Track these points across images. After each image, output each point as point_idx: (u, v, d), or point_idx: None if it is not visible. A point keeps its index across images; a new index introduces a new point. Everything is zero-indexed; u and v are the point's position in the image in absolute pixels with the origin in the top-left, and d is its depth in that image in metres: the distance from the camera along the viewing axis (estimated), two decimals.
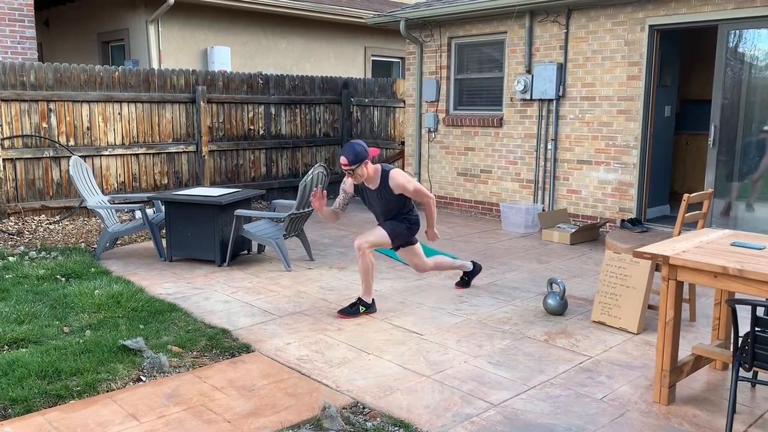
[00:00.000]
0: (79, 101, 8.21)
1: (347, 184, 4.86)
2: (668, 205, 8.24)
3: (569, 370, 3.86)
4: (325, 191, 4.70)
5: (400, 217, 4.87)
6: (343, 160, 4.54)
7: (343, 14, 12.44)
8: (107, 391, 3.52)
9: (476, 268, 5.49)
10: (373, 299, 4.88)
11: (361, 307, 4.81)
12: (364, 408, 3.38)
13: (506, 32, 8.56)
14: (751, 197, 6.73)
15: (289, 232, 6.27)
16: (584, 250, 7.05)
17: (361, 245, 4.71)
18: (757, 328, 2.88)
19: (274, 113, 10.15)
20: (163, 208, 6.53)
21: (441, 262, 5.23)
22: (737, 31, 6.65)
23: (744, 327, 3.72)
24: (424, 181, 9.80)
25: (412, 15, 9.15)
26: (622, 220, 7.16)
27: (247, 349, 4.15)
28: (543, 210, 8.27)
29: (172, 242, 6.31)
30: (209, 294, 5.32)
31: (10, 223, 7.64)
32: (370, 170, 4.68)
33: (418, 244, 5.08)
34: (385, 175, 4.70)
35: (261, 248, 6.80)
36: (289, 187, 10.38)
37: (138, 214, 7.09)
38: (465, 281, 5.52)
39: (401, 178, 4.67)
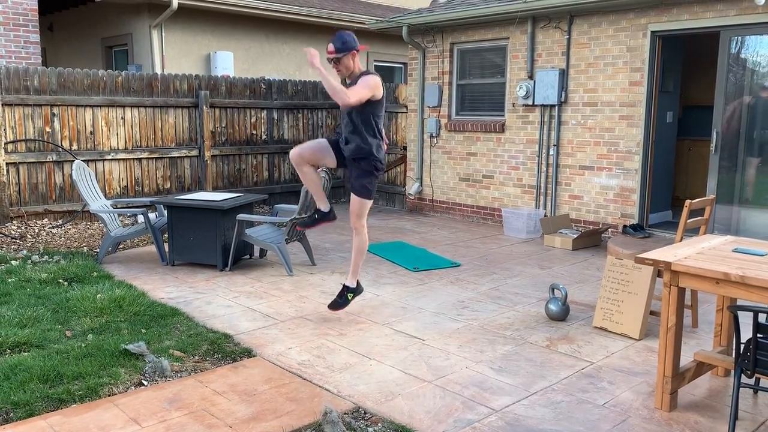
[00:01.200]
0: (82, 106, 8.23)
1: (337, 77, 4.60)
2: (670, 210, 8.24)
3: (571, 376, 3.86)
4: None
5: (366, 158, 4.50)
6: (330, 47, 4.38)
7: (346, 20, 12.48)
8: (109, 396, 3.52)
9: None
10: (357, 281, 4.85)
11: (348, 295, 4.79)
12: (365, 413, 3.38)
13: (508, 38, 8.57)
14: (745, 202, 6.74)
15: (291, 237, 6.28)
16: (586, 256, 7.04)
17: (354, 224, 4.72)
18: (759, 335, 2.88)
19: (276, 118, 10.17)
20: (165, 212, 6.54)
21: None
22: (739, 38, 6.66)
23: (746, 333, 3.71)
24: (426, 186, 9.82)
25: (415, 21, 9.17)
26: (624, 226, 7.15)
27: (248, 353, 4.15)
28: (545, 215, 8.27)
29: (174, 247, 6.31)
30: (211, 298, 5.33)
31: (13, 227, 7.66)
32: (357, 65, 4.44)
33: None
34: (364, 74, 4.42)
35: (263, 253, 6.80)
36: (292, 192, 10.39)
37: (140, 218, 7.11)
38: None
39: (369, 79, 4.32)
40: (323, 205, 4.86)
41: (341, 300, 4.80)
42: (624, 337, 4.52)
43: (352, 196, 4.70)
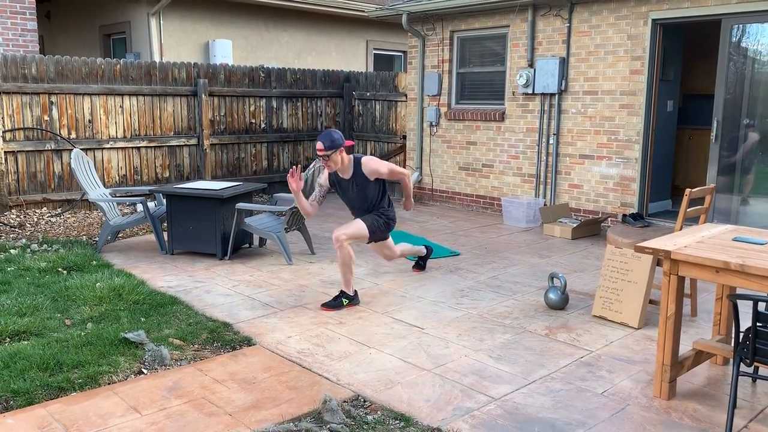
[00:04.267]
0: (80, 94, 8.20)
1: (322, 178, 4.97)
2: (670, 200, 8.23)
3: (570, 365, 3.87)
4: (301, 172, 4.75)
5: (379, 212, 4.97)
6: (319, 145, 4.68)
7: (345, 8, 12.41)
8: (109, 384, 3.53)
9: (428, 252, 5.81)
10: (355, 291, 4.92)
11: (344, 300, 4.83)
12: (364, 401, 3.39)
13: (509, 26, 8.53)
14: (745, 191, 6.73)
15: (290, 226, 6.27)
16: (586, 245, 7.04)
17: (339, 237, 4.76)
18: (758, 323, 2.88)
19: (275, 107, 10.14)
20: (164, 201, 6.53)
21: (404, 249, 5.50)
22: (740, 26, 6.62)
23: (745, 322, 3.72)
24: (425, 175, 9.80)
25: (415, 8, 9.12)
26: (624, 215, 7.15)
27: (248, 342, 4.15)
28: (544, 204, 8.26)
29: (173, 235, 6.31)
30: (210, 287, 5.33)
31: (11, 216, 7.64)
32: (344, 159, 4.79)
33: (390, 238, 5.28)
34: (357, 162, 4.82)
35: (262, 242, 6.80)
36: None
37: (139, 207, 7.10)
38: (420, 265, 5.84)
39: (373, 163, 4.80)
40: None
41: (335, 302, 4.82)
42: (623, 325, 4.52)
43: (357, 220, 4.93)
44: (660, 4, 7.05)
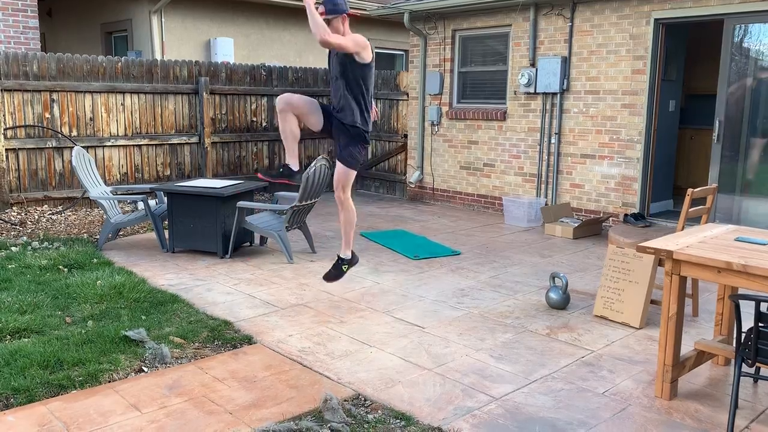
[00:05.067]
0: (81, 92, 8.19)
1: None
2: (672, 200, 8.22)
3: (571, 364, 3.86)
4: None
5: (347, 125, 4.39)
6: (320, 9, 4.27)
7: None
8: (109, 382, 3.53)
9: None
10: (352, 251, 4.69)
11: (344, 266, 4.67)
12: (365, 400, 3.38)
13: (511, 25, 8.52)
14: (747, 191, 6.72)
15: (291, 225, 6.27)
16: (587, 245, 7.04)
17: (338, 196, 4.48)
18: (760, 324, 2.87)
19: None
20: (165, 199, 6.53)
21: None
22: (743, 26, 6.61)
23: (747, 323, 3.71)
24: (426, 175, 9.79)
25: (417, 7, 9.11)
26: (625, 215, 7.14)
27: (249, 340, 4.15)
28: (546, 204, 8.25)
29: (174, 233, 6.30)
30: (211, 285, 5.32)
31: (12, 214, 7.64)
32: (346, 31, 4.30)
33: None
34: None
35: (263, 240, 6.80)
36: None
37: (140, 205, 7.10)
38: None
39: (359, 36, 4.26)
40: (294, 162, 4.50)
41: (336, 271, 4.68)
42: (624, 325, 4.52)
43: (338, 164, 4.46)
44: (662, 3, 7.04)
